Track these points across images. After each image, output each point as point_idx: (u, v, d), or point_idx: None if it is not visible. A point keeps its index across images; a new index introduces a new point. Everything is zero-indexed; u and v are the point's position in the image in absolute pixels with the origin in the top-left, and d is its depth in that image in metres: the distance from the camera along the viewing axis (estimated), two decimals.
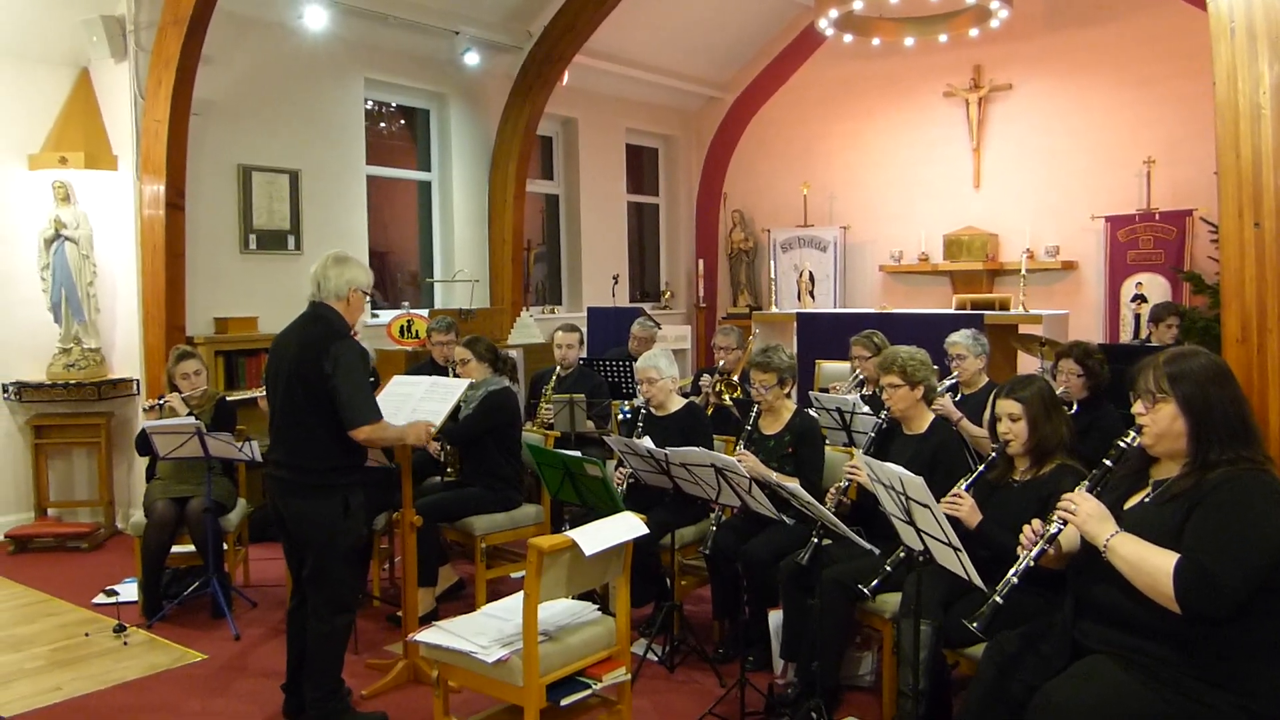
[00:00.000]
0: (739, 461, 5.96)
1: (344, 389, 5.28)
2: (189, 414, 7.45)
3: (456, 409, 6.63)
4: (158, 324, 9.51)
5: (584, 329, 10.53)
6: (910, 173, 15.11)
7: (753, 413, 6.68)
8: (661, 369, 6.98)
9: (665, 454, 6.10)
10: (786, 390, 6.66)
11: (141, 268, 9.56)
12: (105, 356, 9.82)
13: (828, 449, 6.81)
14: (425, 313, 11.27)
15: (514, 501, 7.44)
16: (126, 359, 9.76)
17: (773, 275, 14.97)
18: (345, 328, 5.49)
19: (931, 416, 6.26)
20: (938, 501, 4.81)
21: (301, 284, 7.05)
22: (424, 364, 9.08)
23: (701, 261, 16.70)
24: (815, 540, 6.01)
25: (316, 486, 5.46)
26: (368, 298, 5.60)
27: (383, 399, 6.05)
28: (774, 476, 6.04)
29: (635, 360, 8.38)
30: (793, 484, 5.78)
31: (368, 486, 5.76)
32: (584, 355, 9.49)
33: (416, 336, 10.83)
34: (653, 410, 6.99)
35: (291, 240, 10.85)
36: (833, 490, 6.01)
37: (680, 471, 6.12)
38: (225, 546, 7.57)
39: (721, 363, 8.80)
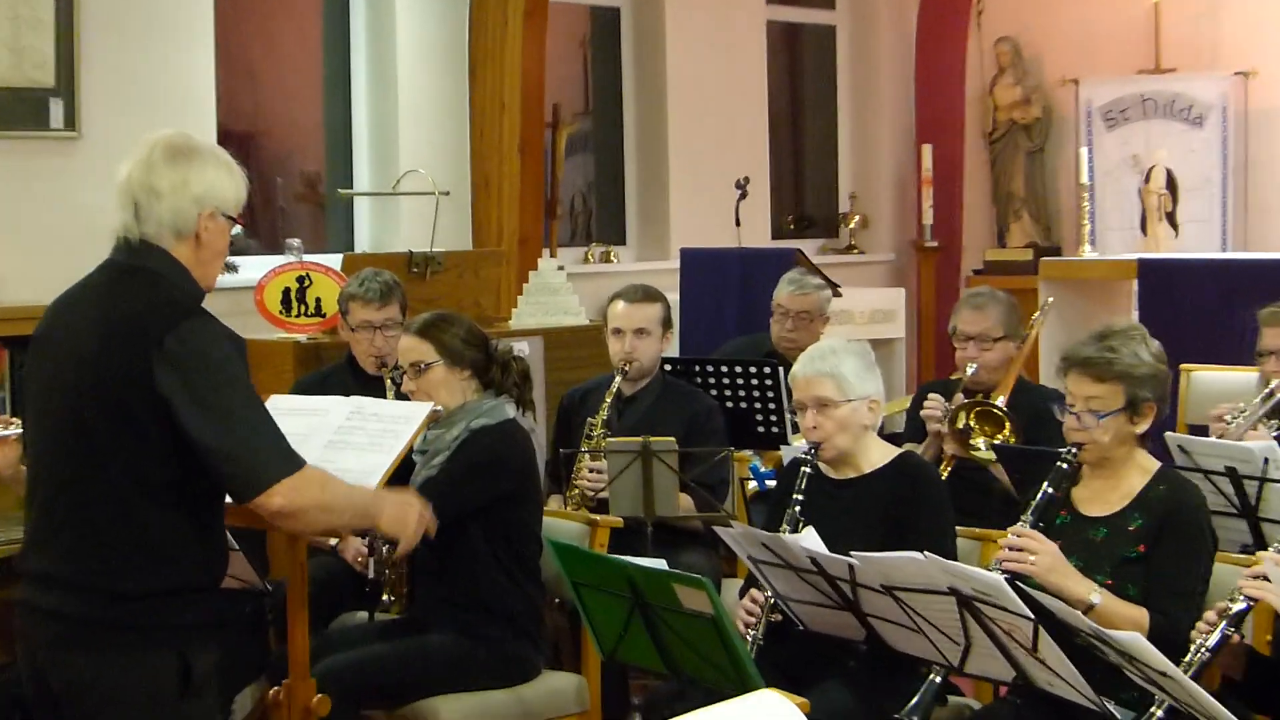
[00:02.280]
0: (1017, 562, 4.65)
1: (215, 425, 3.98)
2: None
3: (405, 465, 5.28)
4: None
5: (673, 296, 8.32)
6: None
7: (1052, 473, 5.03)
8: (845, 379, 5.21)
9: (850, 563, 4.71)
10: (1140, 424, 5.08)
11: None
12: None
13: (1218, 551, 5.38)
14: (335, 262, 8.63)
15: (524, 663, 5.62)
16: None
17: (1085, 179, 11.58)
18: (193, 293, 4.14)
19: None
20: None
21: (86, 202, 6.51)
22: (335, 370, 7.07)
23: (929, 151, 13.01)
24: None
25: (129, 630, 4.02)
26: (235, 229, 4.29)
27: None
28: (1095, 603, 4.64)
29: (785, 361, 6.85)
30: (1131, 634, 4.23)
31: (224, 631, 4.40)
32: (673, 353, 7.66)
33: (319, 314, 8.27)
34: (825, 468, 5.32)
35: (57, 110, 8.36)
36: (1207, 623, 4.45)
37: (880, 604, 4.69)
38: None
39: (969, 369, 6.68)
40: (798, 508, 5.18)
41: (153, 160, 4.15)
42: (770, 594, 4.97)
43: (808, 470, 5.21)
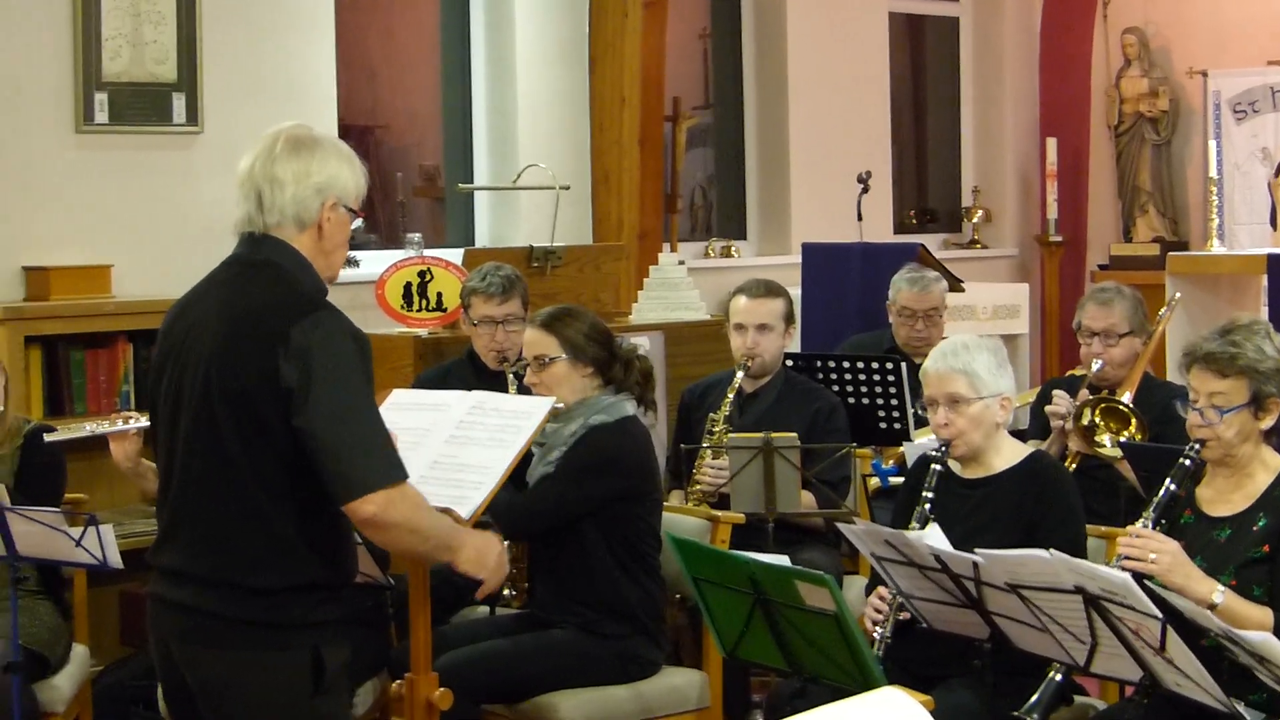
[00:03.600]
0: (1140, 561, 4.59)
1: (329, 419, 3.98)
2: None
3: (525, 461, 5.35)
4: None
5: (794, 290, 8.12)
6: None
7: (1174, 469, 4.96)
8: (977, 376, 5.21)
9: (975, 560, 4.61)
10: (1265, 420, 4.99)
11: None
12: None
13: None
14: (455, 256, 8.64)
15: (644, 660, 5.66)
16: None
17: (1213, 172, 11.69)
18: (317, 286, 4.16)
19: None
20: None
21: (207, 197, 6.48)
22: (455, 365, 7.01)
23: (1054, 144, 12.97)
24: None
25: (262, 628, 4.06)
26: (356, 222, 4.31)
27: None
28: (1217, 602, 4.59)
29: (906, 356, 7.13)
30: (1262, 634, 4.28)
31: (354, 629, 4.46)
32: (794, 348, 7.60)
33: (439, 308, 8.25)
34: (955, 466, 5.35)
35: (179, 105, 8.30)
36: None
37: (1005, 602, 4.61)
38: None
39: (1095, 365, 6.59)
40: (927, 505, 5.14)
41: (276, 151, 4.18)
42: (894, 591, 4.93)
43: (938, 468, 5.18)
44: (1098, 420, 6.26)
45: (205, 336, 4.09)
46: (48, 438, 6.00)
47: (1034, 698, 4.64)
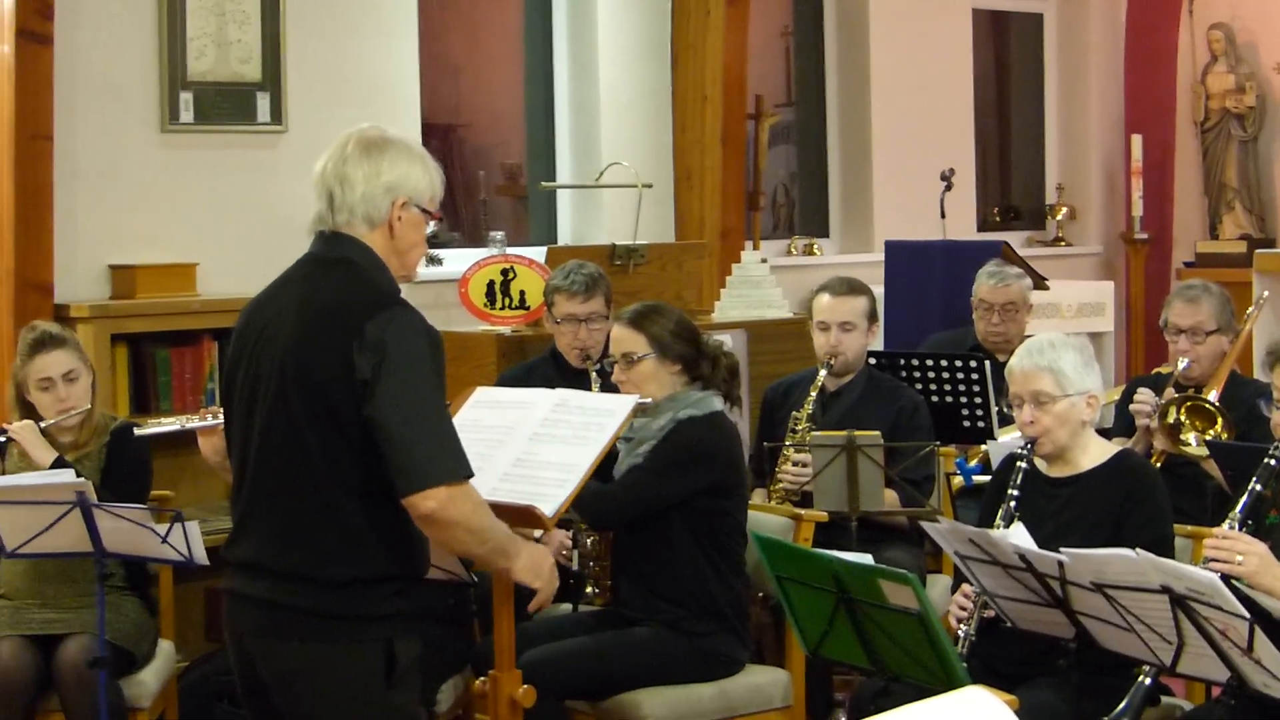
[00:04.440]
0: (1226, 563, 4.54)
1: (397, 410, 4.00)
2: (58, 462, 5.90)
3: (609, 459, 5.23)
4: None
5: (877, 288, 8.07)
6: None
7: (1260, 470, 4.90)
8: (1063, 374, 5.19)
9: (1060, 559, 4.60)
10: None
11: None
12: None
13: None
14: (538, 254, 8.66)
15: (728, 657, 5.64)
16: None
17: None
18: (392, 284, 4.20)
19: None
20: None
21: (290, 196, 6.39)
22: (539, 363, 7.00)
23: (1139, 141, 12.86)
24: None
25: (335, 621, 4.10)
26: (432, 223, 4.33)
27: None
28: None
29: (990, 355, 7.17)
30: None
31: (427, 625, 4.56)
32: (877, 346, 7.55)
33: (522, 306, 8.25)
34: (1041, 465, 5.37)
35: (263, 104, 8.30)
36: None
37: (1091, 601, 4.58)
38: None
39: (1181, 363, 6.62)
40: (1013, 503, 5.12)
41: (347, 152, 4.24)
42: (978, 590, 4.92)
43: (1023, 466, 5.17)
44: (1183, 419, 6.25)
45: (281, 332, 4.14)
46: (137, 431, 5.97)
47: (1124, 702, 4.62)
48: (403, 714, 4.26)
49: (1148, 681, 4.60)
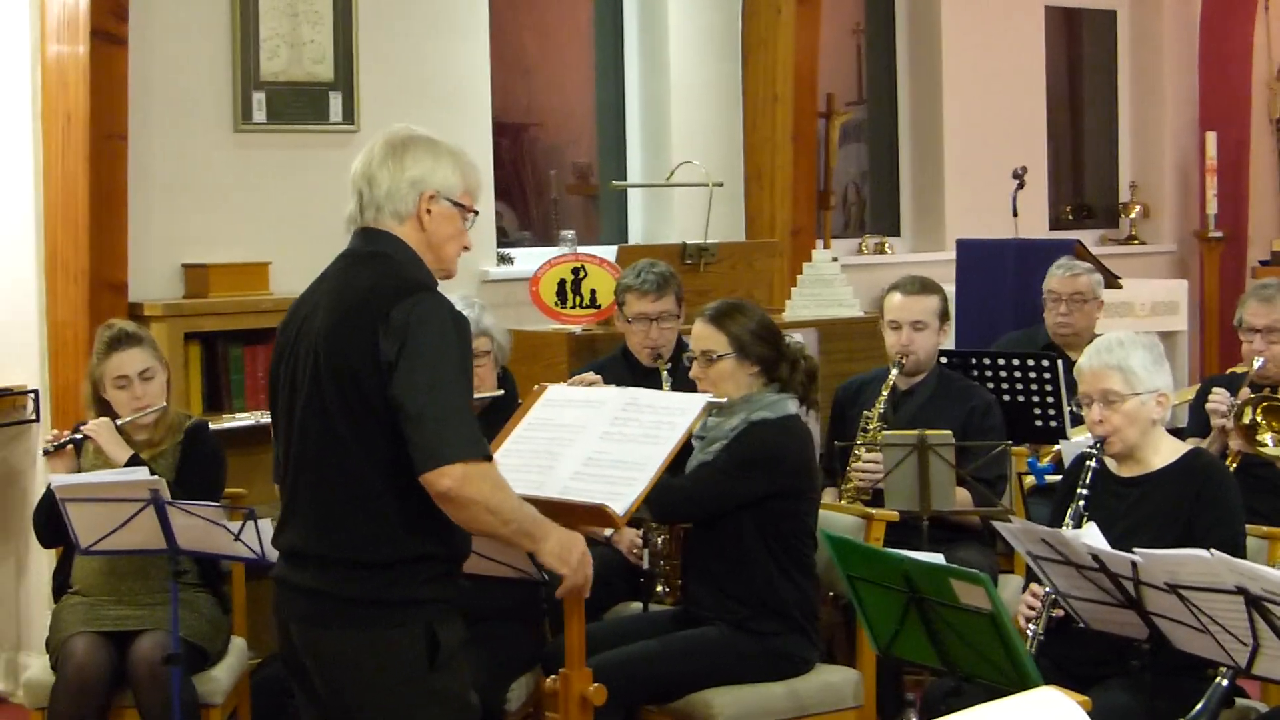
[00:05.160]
0: None
1: (416, 389, 4.02)
2: (133, 460, 5.87)
3: (679, 457, 5.15)
4: (73, 277, 7.28)
5: (948, 287, 8.08)
6: None
7: None
8: (1133, 372, 5.21)
9: (1133, 559, 4.57)
10: None
11: (44, 161, 7.29)
12: None
13: None
14: (609, 253, 8.60)
15: (798, 657, 5.62)
16: (13, 350, 7.51)
17: None
18: (423, 272, 4.24)
19: None
20: None
21: None
22: (609, 361, 7.02)
23: (1213, 138, 12.82)
24: None
25: (375, 606, 4.12)
26: (469, 218, 4.32)
27: (516, 441, 4.89)
28: None
29: (1063, 354, 7.09)
30: None
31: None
32: (949, 345, 7.41)
33: (593, 305, 8.20)
34: (1111, 464, 5.34)
35: (336, 104, 8.27)
36: None
37: (1164, 602, 4.56)
38: None
39: (1256, 363, 6.58)
40: (1082, 503, 5.11)
41: (374, 152, 4.32)
42: (1050, 590, 4.88)
43: (1093, 465, 5.15)
44: (1259, 419, 6.25)
45: (316, 323, 4.20)
46: (212, 425, 6.06)
47: (1201, 704, 4.55)
48: (447, 696, 4.30)
49: (1225, 683, 4.54)
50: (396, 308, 4.08)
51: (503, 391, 6.11)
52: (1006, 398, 6.92)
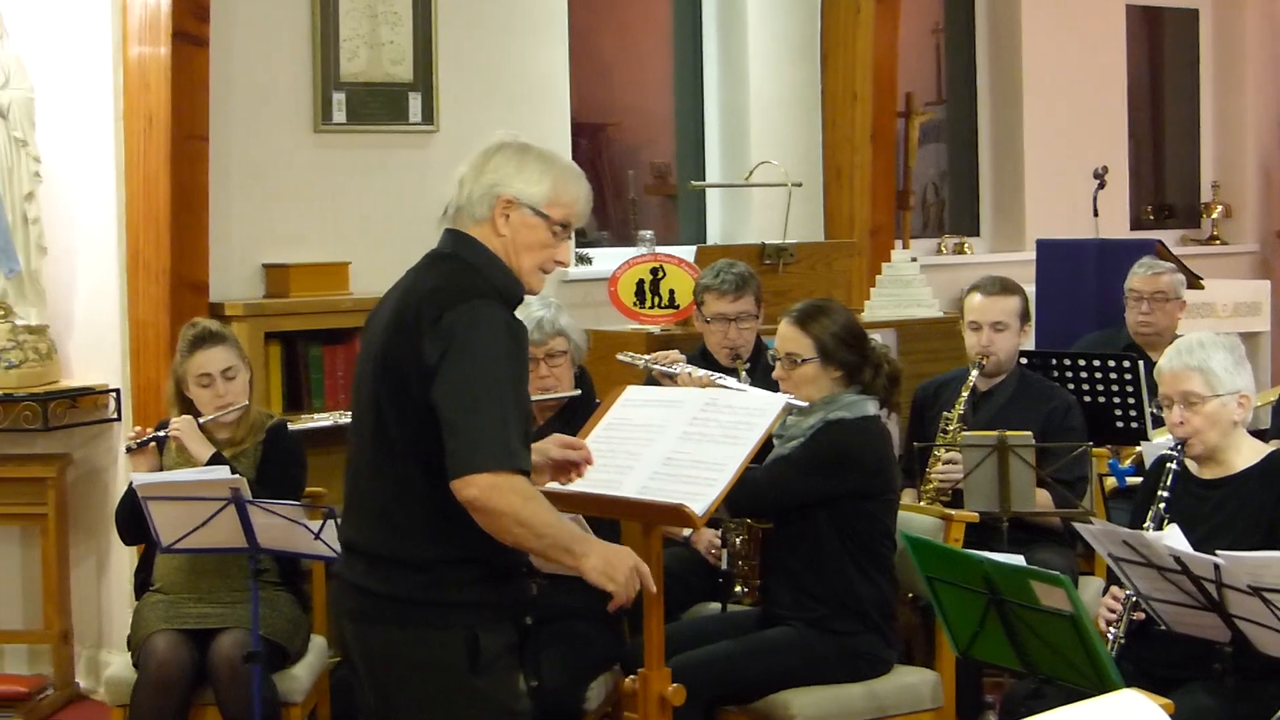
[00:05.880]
0: None
1: (454, 395, 3.99)
2: (215, 458, 5.89)
3: (759, 457, 5.07)
4: (155, 277, 7.20)
5: (1029, 287, 8.08)
6: None
7: None
8: (1213, 373, 5.14)
9: (1216, 562, 4.52)
10: None
11: (126, 162, 7.24)
12: (54, 344, 7.55)
13: None
14: (687, 253, 8.56)
15: (876, 658, 5.58)
16: (96, 349, 7.45)
17: None
18: (488, 279, 4.17)
19: None
20: None
21: (441, 196, 5.00)
22: (688, 361, 6.82)
23: None
24: None
25: (419, 606, 4.11)
26: (556, 230, 4.24)
27: (595, 441, 4.66)
28: None
29: (1144, 355, 7.03)
30: None
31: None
32: (1029, 346, 7.41)
33: (672, 305, 8.13)
34: (1192, 466, 5.27)
35: (415, 104, 8.18)
36: None
37: (1247, 605, 4.49)
38: None
39: None
40: (1162, 505, 5.06)
41: (472, 157, 4.32)
42: (1131, 592, 4.83)
43: (1174, 467, 5.10)
44: None
45: (381, 322, 4.22)
46: (292, 425, 6.10)
47: None
48: (490, 701, 4.26)
49: None
50: (450, 311, 4.08)
51: (579, 391, 6.09)
52: (1087, 399, 6.85)
